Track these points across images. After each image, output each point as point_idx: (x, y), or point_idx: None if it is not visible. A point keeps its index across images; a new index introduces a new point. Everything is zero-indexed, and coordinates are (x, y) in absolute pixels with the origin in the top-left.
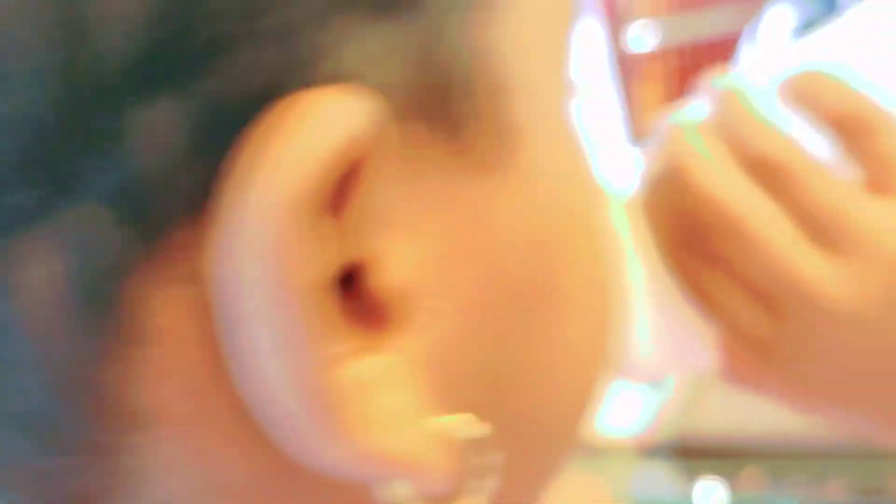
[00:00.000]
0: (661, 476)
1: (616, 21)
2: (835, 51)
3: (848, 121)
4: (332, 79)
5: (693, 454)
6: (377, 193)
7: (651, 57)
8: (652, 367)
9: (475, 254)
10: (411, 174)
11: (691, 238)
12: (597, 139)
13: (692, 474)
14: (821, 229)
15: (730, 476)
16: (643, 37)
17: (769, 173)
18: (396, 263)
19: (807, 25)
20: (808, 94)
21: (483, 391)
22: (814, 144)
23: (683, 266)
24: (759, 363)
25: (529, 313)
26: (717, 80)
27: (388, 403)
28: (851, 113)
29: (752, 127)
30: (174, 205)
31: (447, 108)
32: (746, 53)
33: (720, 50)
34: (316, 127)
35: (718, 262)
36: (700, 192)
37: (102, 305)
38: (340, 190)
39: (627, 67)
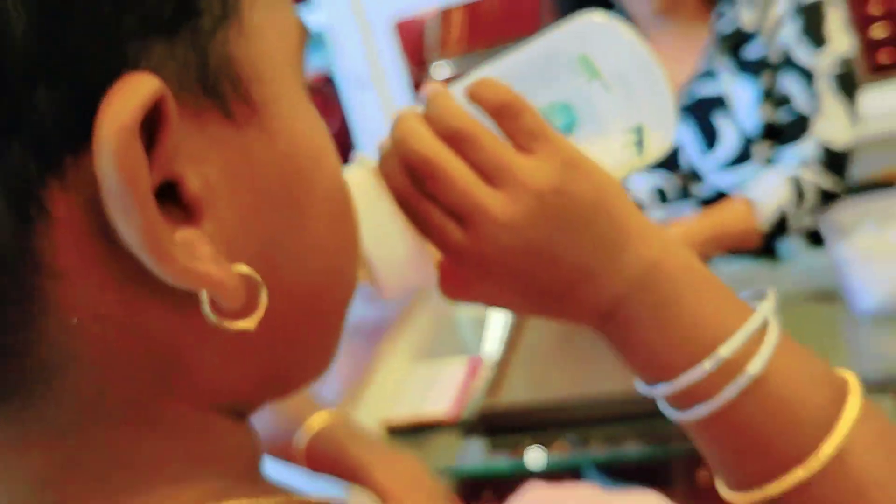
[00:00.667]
0: (475, 449)
1: (419, 60)
2: (500, 69)
3: (500, 107)
4: (140, 71)
5: (500, 427)
6: (178, 139)
7: None
8: (391, 284)
9: (245, 175)
10: (199, 128)
11: (413, 183)
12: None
13: (502, 446)
14: (491, 173)
15: (543, 445)
16: (444, 74)
17: (459, 139)
18: (193, 179)
19: None
20: (475, 93)
21: (263, 255)
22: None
23: (409, 204)
24: (460, 268)
25: (288, 213)
26: (429, 85)
27: (199, 248)
28: (502, 102)
29: (445, 109)
30: (68, 143)
31: (218, 89)
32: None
33: None
34: (129, 91)
35: (429, 198)
36: (413, 151)
37: (28, 203)
38: (153, 136)
39: None
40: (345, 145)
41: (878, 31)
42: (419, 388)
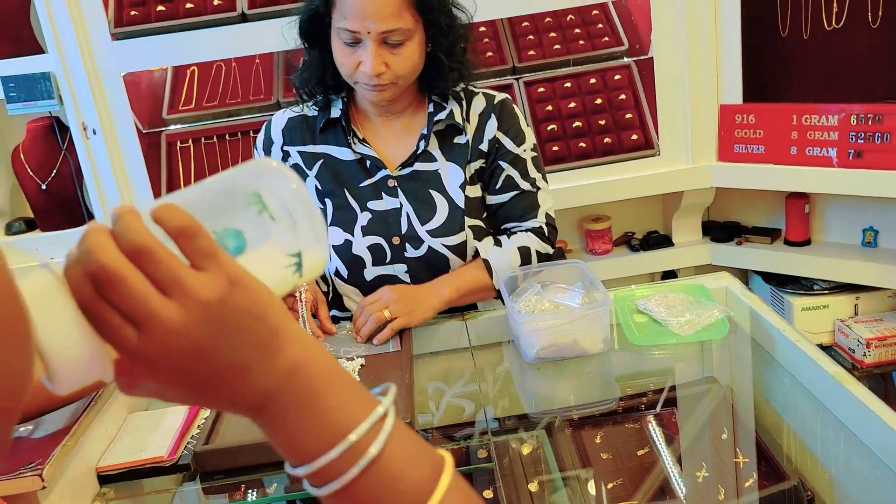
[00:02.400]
0: (191, 493)
1: (148, 111)
2: (186, 196)
3: (179, 230)
4: None
5: (215, 470)
6: None
7: None
8: (67, 381)
9: None
10: None
11: (95, 290)
12: None
13: (217, 489)
14: (165, 285)
15: (256, 487)
16: (175, 128)
17: (138, 253)
18: None
19: None
20: (158, 216)
21: None
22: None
23: (90, 309)
24: (134, 366)
25: None
26: (116, 207)
27: None
28: (180, 226)
29: (128, 226)
30: None
31: None
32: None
33: None
34: None
35: (109, 303)
36: (96, 262)
37: None
38: None
39: None
40: (70, 188)
41: (550, 130)
42: (137, 435)
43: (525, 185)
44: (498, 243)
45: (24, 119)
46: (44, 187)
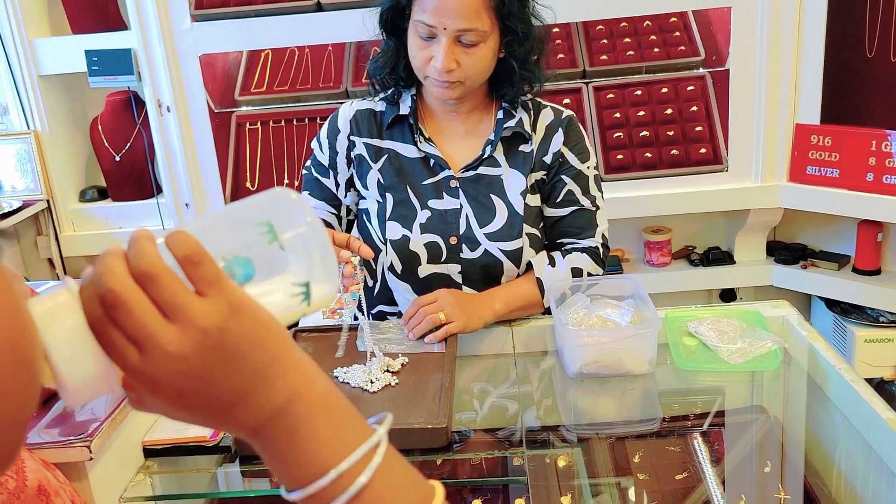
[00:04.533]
0: (231, 474)
1: (221, 91)
2: (202, 222)
3: (185, 257)
4: None
5: (253, 454)
6: None
7: None
8: (75, 394)
9: None
10: None
11: (105, 311)
12: None
13: (255, 472)
14: (168, 310)
15: None
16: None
17: (145, 278)
18: None
19: None
20: (168, 242)
21: None
22: None
23: (97, 329)
24: (136, 385)
25: None
26: (134, 231)
27: None
28: (186, 253)
29: (139, 251)
30: None
31: None
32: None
33: None
34: None
35: (116, 324)
36: (104, 285)
37: None
38: None
39: None
40: (141, 161)
41: (616, 137)
42: None
43: (585, 202)
44: (552, 262)
45: (105, 92)
46: (117, 159)
